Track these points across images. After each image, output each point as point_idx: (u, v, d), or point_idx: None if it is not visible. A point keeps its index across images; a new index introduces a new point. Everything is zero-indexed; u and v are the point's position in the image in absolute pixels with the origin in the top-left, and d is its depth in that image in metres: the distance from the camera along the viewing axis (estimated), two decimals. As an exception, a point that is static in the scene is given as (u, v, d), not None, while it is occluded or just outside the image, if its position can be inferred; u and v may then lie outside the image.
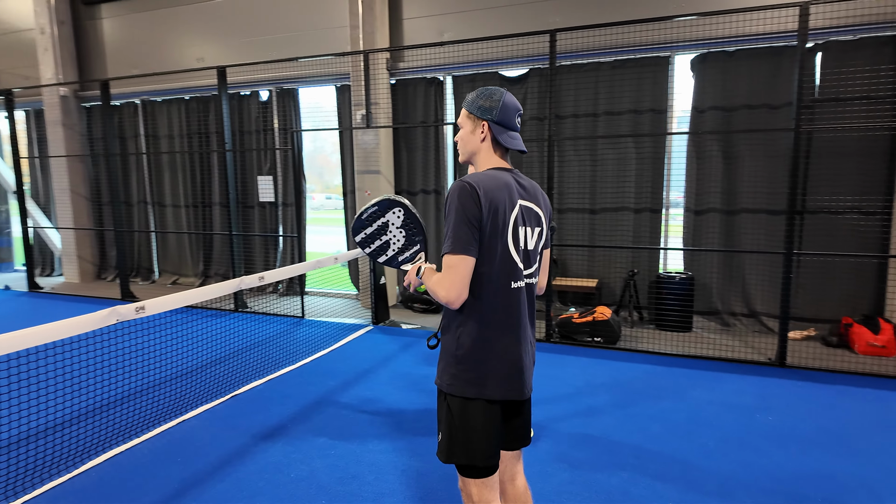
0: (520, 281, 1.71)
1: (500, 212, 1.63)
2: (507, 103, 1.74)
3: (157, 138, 8.19)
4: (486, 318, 1.67)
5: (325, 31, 6.96)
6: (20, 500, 2.67)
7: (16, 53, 8.89)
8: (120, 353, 4.54)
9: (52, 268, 9.19)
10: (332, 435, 3.35)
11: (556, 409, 3.69)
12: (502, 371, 1.69)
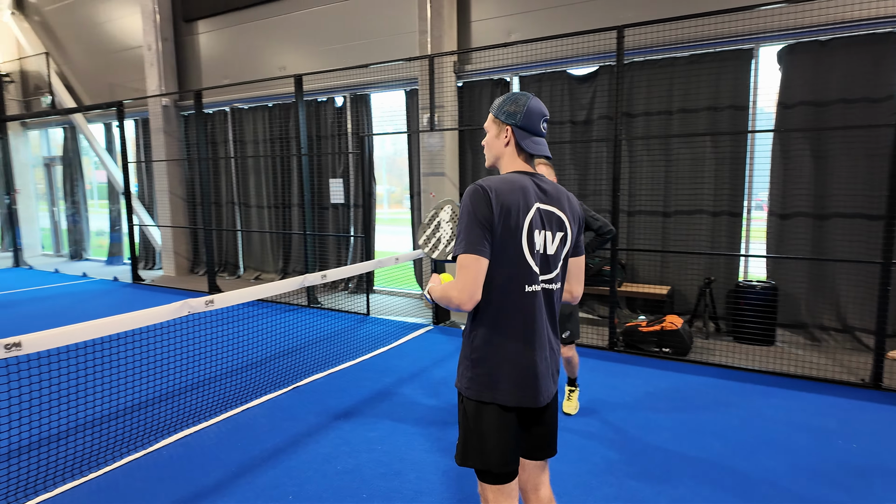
0: (535, 285, 1.68)
1: (512, 214, 1.61)
2: (532, 108, 1.72)
3: (244, 143, 8.80)
4: (499, 322, 1.66)
5: (395, 37, 7.15)
6: (110, 467, 2.99)
7: (128, 69, 9.91)
8: (193, 342, 4.92)
9: (154, 262, 10.14)
10: (380, 430, 3.44)
11: (611, 419, 3.56)
12: (514, 376, 1.67)
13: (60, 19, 10.92)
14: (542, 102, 1.78)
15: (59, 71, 11.10)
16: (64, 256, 11.93)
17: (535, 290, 1.68)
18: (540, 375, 1.69)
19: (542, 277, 1.71)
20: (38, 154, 12.38)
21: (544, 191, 1.73)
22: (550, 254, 1.72)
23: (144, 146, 9.93)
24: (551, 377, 1.75)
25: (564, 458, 3.07)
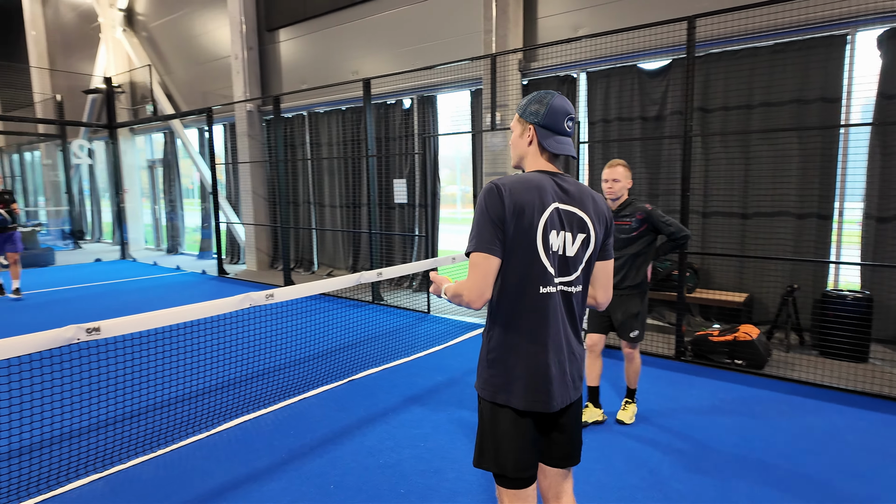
0: (550, 286, 1.63)
1: (526, 213, 1.58)
2: (555, 107, 1.67)
3: (320, 146, 9.20)
4: (512, 323, 1.64)
5: (462, 38, 7.18)
6: (177, 444, 3.25)
7: (218, 77, 10.68)
8: (257, 334, 5.21)
9: (238, 257, 10.86)
10: (426, 428, 3.48)
11: (668, 430, 3.36)
12: (526, 379, 1.63)
13: (163, 34, 11.97)
14: (566, 99, 1.73)
15: (160, 81, 12.18)
16: (162, 250, 13.08)
17: (551, 291, 1.63)
18: (553, 379, 1.64)
19: (561, 279, 1.66)
20: (143, 157, 13.66)
21: (565, 190, 1.67)
22: (570, 255, 1.67)
23: (232, 149, 10.66)
24: (569, 382, 1.69)
25: (611, 468, 2.95)
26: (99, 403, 3.70)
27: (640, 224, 3.42)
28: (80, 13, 14.76)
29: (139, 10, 12.51)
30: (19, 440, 3.26)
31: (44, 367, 3.87)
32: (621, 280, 3.44)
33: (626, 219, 3.44)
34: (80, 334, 2.70)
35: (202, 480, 2.90)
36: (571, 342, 1.71)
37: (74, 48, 15.32)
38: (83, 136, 13.56)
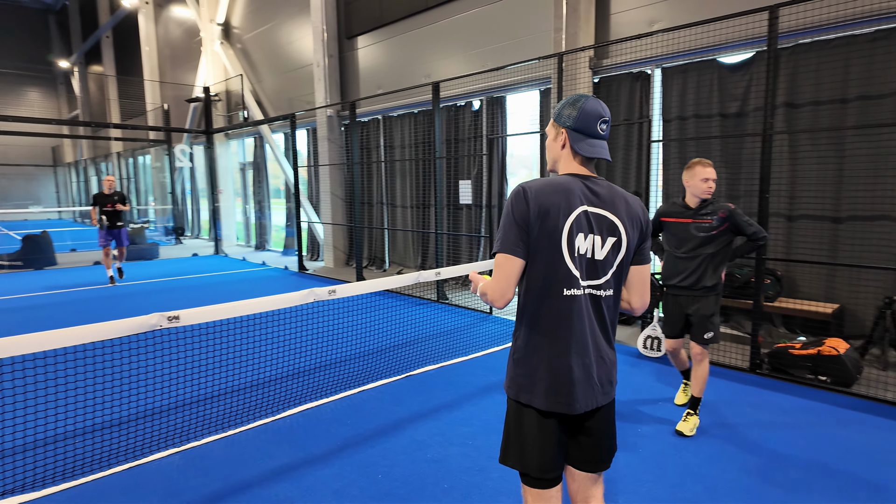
0: (575, 289, 1.63)
1: (551, 216, 1.59)
2: (587, 110, 1.67)
3: (393, 148, 9.49)
4: (536, 324, 1.66)
5: (531, 37, 7.13)
6: (243, 427, 3.53)
7: (303, 84, 11.32)
8: (321, 327, 5.47)
9: (318, 254, 11.44)
10: (475, 426, 3.52)
11: (727, 446, 3.18)
12: (549, 380, 1.64)
13: (255, 45, 12.86)
14: (601, 102, 1.71)
15: (252, 89, 13.09)
16: (251, 247, 14.04)
17: (576, 293, 1.63)
18: (575, 381, 1.64)
19: (589, 283, 1.65)
20: (236, 160, 14.75)
21: (596, 193, 1.66)
22: (600, 259, 1.66)
23: (313, 152, 11.25)
24: (595, 386, 1.67)
25: (663, 479, 2.84)
26: (177, 386, 4.08)
27: (720, 223, 3.37)
28: (185, 29, 16.20)
29: (235, 24, 13.53)
30: (110, 414, 3.68)
31: (132, 350, 4.32)
32: (697, 280, 3.42)
33: (706, 217, 3.40)
34: (163, 321, 3.01)
35: (264, 461, 3.13)
36: (601, 346, 1.69)
37: (180, 61, 16.84)
38: (185, 142, 14.87)
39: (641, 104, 6.17)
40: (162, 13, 17.80)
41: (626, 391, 4.12)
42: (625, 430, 3.45)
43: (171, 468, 3.06)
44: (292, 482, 2.90)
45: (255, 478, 2.95)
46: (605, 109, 1.70)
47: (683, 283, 3.48)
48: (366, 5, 9.64)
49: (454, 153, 8.24)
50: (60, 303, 7.51)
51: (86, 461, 3.10)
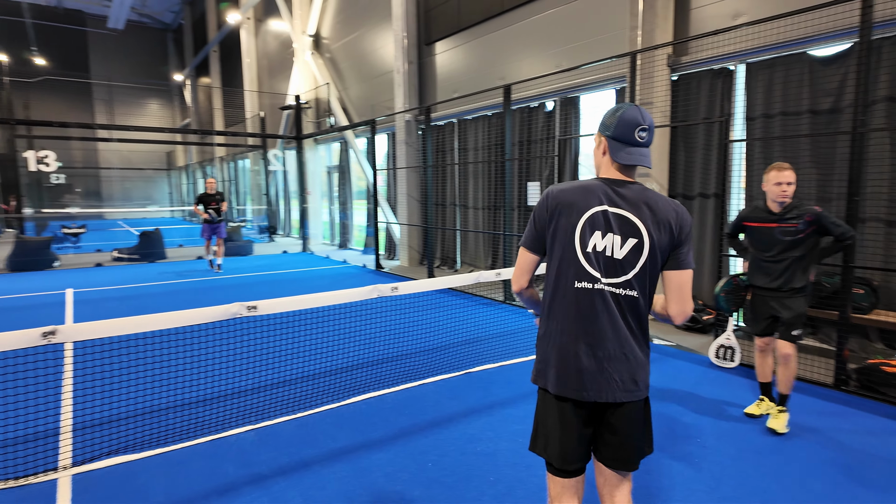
0: (586, 282, 1.72)
1: (566, 213, 1.73)
2: (624, 118, 1.74)
3: (466, 150, 9.66)
4: (551, 312, 1.79)
5: (607, 36, 7.00)
6: (313, 410, 3.82)
7: (384, 90, 11.80)
8: (385, 323, 5.71)
9: (394, 253, 11.87)
10: (528, 424, 3.53)
11: (817, 448, 3.00)
12: (558, 365, 1.76)
13: (341, 54, 13.57)
14: (642, 110, 1.76)
15: (338, 96, 13.82)
16: (335, 245, 14.81)
17: (588, 287, 1.72)
18: (583, 370, 1.71)
19: (609, 280, 1.72)
20: (323, 164, 15.62)
21: (621, 195, 1.73)
22: (619, 258, 1.71)
23: (392, 155, 11.70)
24: (612, 380, 1.72)
25: (715, 492, 2.75)
26: (255, 370, 4.47)
27: (807, 226, 3.36)
28: (281, 41, 17.41)
29: (324, 35, 14.35)
30: (196, 392, 4.12)
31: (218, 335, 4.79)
32: (786, 282, 3.45)
33: (792, 221, 3.39)
34: (242, 310, 3.35)
35: (326, 442, 3.38)
36: (625, 343, 1.72)
37: (276, 71, 18.10)
38: (279, 147, 15.96)
39: (722, 102, 5.87)
40: (261, 27, 19.23)
41: (692, 401, 3.98)
42: (685, 441, 3.35)
43: (247, 443, 3.40)
44: (349, 463, 3.12)
45: (318, 456, 3.20)
46: (645, 118, 1.74)
47: (771, 284, 3.50)
48: (445, 11, 9.89)
49: (526, 155, 8.26)
50: (166, 292, 8.40)
51: (176, 431, 3.52)
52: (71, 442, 3.37)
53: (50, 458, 3.15)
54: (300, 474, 3.01)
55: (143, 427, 3.56)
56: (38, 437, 3.40)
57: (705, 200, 6.13)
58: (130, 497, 2.79)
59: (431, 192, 9.31)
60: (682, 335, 5.73)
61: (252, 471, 3.05)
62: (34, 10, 27.09)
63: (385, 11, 11.32)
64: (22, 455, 3.15)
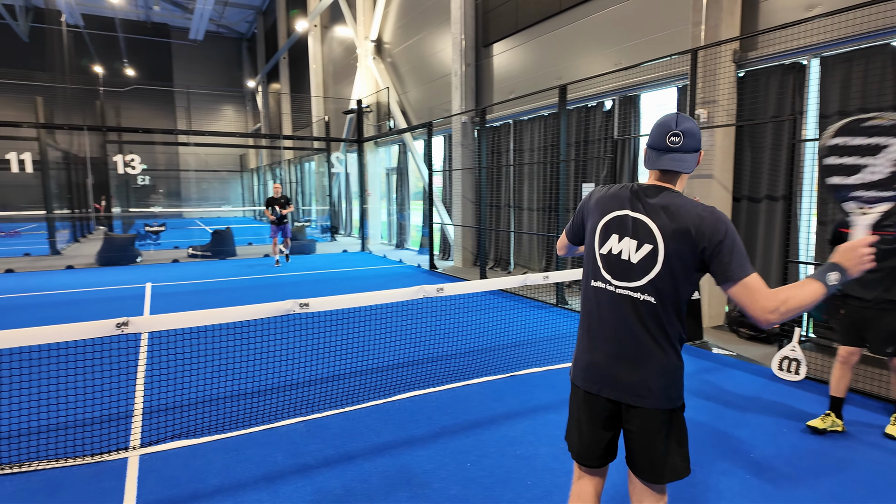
0: (600, 282, 1.80)
1: (594, 214, 1.85)
2: (658, 124, 1.78)
3: (522, 152, 9.60)
4: (581, 307, 1.92)
5: (669, 33, 6.76)
6: (362, 404, 3.95)
7: (442, 93, 11.94)
8: (432, 323, 5.77)
9: (449, 254, 11.97)
10: (571, 431, 3.52)
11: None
12: (577, 358, 1.89)
13: (402, 58, 13.85)
14: (681, 117, 1.74)
15: (398, 100, 14.11)
16: (392, 245, 15.12)
17: (601, 286, 1.80)
18: (593, 365, 1.80)
19: (624, 283, 1.74)
20: (382, 165, 15.99)
21: (646, 201, 1.75)
22: (633, 262, 1.73)
23: (448, 157, 11.81)
24: (615, 378, 1.75)
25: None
26: (307, 364, 4.67)
27: None
28: (345, 47, 17.98)
29: (386, 40, 14.70)
30: (251, 384, 4.36)
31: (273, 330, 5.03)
32: (882, 293, 3.30)
33: (889, 229, 3.23)
34: (295, 307, 3.52)
35: (371, 436, 3.49)
36: (641, 347, 1.70)
37: (340, 76, 18.71)
38: (341, 150, 16.48)
39: (794, 99, 5.53)
40: (327, 34, 19.94)
41: (750, 415, 3.79)
42: (738, 456, 3.20)
43: (297, 433, 3.56)
44: (391, 458, 3.21)
45: (362, 450, 3.31)
46: (680, 123, 1.71)
47: (866, 295, 3.35)
48: (503, 12, 9.88)
49: (582, 155, 8.11)
50: (233, 288, 8.91)
51: (233, 419, 3.74)
52: (141, 424, 3.67)
53: (122, 438, 3.44)
54: (344, 466, 3.13)
55: (204, 414, 3.82)
56: (111, 419, 3.72)
57: (773, 203, 5.79)
58: (189, 478, 3.01)
59: (485, 193, 9.32)
60: (743, 345, 5.44)
61: (299, 460, 3.20)
62: (126, 25, 29.42)
63: (444, 15, 11.45)
64: (98, 434, 3.47)
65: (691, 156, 1.71)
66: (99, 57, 27.81)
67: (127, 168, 12.56)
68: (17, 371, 3.96)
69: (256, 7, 29.90)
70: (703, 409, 3.87)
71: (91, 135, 16.22)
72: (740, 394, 4.18)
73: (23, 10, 24.81)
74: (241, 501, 2.78)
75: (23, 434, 3.46)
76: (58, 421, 3.63)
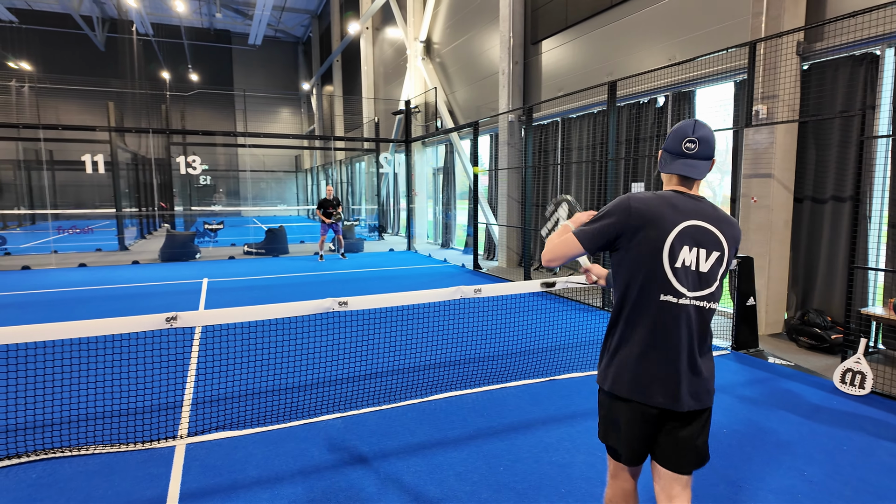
0: (671, 296, 1.72)
1: (654, 226, 1.71)
2: (675, 130, 1.80)
3: (570, 150, 9.41)
4: (631, 323, 1.78)
5: (727, 25, 6.44)
6: (398, 403, 3.98)
7: (489, 92, 11.87)
8: (469, 323, 5.73)
9: (494, 254, 11.89)
10: (609, 439, 3.41)
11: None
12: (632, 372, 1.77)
13: (450, 58, 13.88)
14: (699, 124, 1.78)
15: (445, 100, 14.14)
16: (437, 245, 15.18)
17: (672, 301, 1.72)
18: (657, 379, 1.74)
19: (694, 294, 1.73)
20: (429, 165, 16.07)
21: (701, 209, 1.76)
22: (704, 271, 1.73)
23: (494, 156, 11.73)
24: (682, 390, 1.74)
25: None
26: (345, 361, 4.74)
27: None
28: (396, 49, 18.20)
29: (435, 40, 14.77)
30: (293, 378, 4.47)
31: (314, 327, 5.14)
32: None
33: None
34: (335, 305, 3.58)
35: (405, 435, 3.51)
36: (696, 356, 1.76)
37: (391, 77, 18.95)
38: (390, 150, 16.71)
39: (865, 92, 5.14)
40: (378, 36, 20.24)
41: (806, 430, 3.55)
42: (789, 474, 3.00)
43: (334, 429, 3.63)
44: (424, 458, 3.21)
45: (396, 449, 3.33)
46: (697, 129, 1.75)
47: None
48: (552, 9, 9.72)
49: (633, 153, 7.85)
50: (283, 284, 9.19)
51: (274, 413, 3.85)
52: (189, 415, 3.83)
53: (171, 427, 3.61)
54: (378, 463, 3.15)
55: (246, 406, 3.95)
56: (161, 408, 3.91)
57: (839, 204, 5.41)
58: (230, 469, 3.11)
59: (531, 192, 9.19)
60: (802, 354, 5.11)
61: (335, 456, 3.25)
62: (191, 33, 30.95)
63: (492, 13, 11.39)
64: (149, 422, 3.65)
65: (704, 163, 1.76)
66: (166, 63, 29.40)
67: (189, 168, 13.21)
68: (77, 360, 4.23)
69: (312, 11, 30.74)
70: (756, 422, 3.66)
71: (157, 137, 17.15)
72: (797, 407, 3.92)
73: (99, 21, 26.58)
74: (277, 494, 2.85)
75: (82, 420, 3.69)
76: (112, 408, 3.85)
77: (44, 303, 7.66)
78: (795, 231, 5.85)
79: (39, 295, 8.26)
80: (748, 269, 5.29)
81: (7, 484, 2.93)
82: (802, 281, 5.84)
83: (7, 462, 3.13)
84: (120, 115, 15.69)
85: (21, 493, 2.84)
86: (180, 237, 12.98)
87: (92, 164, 12.06)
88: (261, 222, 26.89)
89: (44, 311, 7.12)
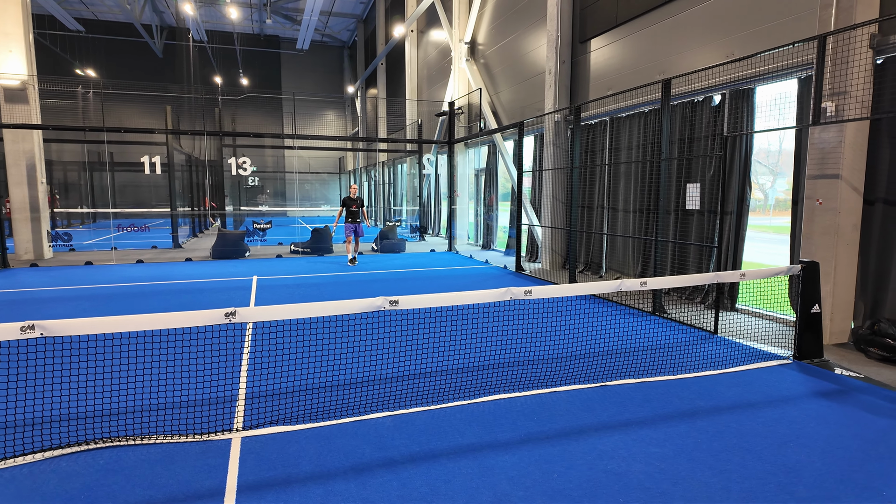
0: None
1: None
2: None
3: (619, 150, 9.18)
4: None
5: (789, 19, 6.15)
6: (448, 403, 3.97)
7: (535, 92, 11.74)
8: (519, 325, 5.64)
9: (536, 256, 11.74)
10: (668, 449, 3.29)
11: None
12: None
13: (495, 59, 13.81)
14: None
15: (489, 101, 14.08)
16: (478, 246, 15.12)
17: None
18: None
19: None
20: (472, 166, 16.04)
21: None
22: None
23: (539, 157, 11.59)
24: None
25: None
26: (395, 360, 4.75)
27: None
28: (440, 50, 18.26)
29: (479, 41, 14.73)
30: (343, 376, 4.51)
31: (364, 325, 5.17)
32: None
33: None
34: (385, 304, 3.60)
35: (455, 436, 3.48)
36: None
37: (434, 79, 19.03)
38: (432, 152, 16.77)
39: (947, 87, 4.80)
40: (422, 39, 20.37)
41: (882, 447, 3.33)
42: (865, 494, 2.82)
43: (384, 427, 3.64)
44: (475, 460, 3.17)
45: (446, 449, 3.31)
46: None
47: None
48: (601, 7, 9.53)
49: (686, 154, 7.59)
50: (328, 283, 9.34)
51: (326, 409, 3.90)
52: (244, 408, 3.93)
53: (227, 420, 3.70)
54: (429, 464, 3.14)
55: (299, 402, 4.01)
56: (219, 401, 4.02)
57: (917, 207, 5.06)
58: (284, 463, 3.16)
59: (577, 193, 9.02)
60: (873, 366, 4.80)
61: (386, 454, 3.26)
62: (242, 39, 32.00)
63: (539, 13, 11.26)
64: (207, 414, 3.76)
65: None
66: (219, 68, 30.49)
67: (239, 170, 13.63)
68: (142, 353, 4.40)
69: (357, 16, 31.26)
70: (825, 437, 3.45)
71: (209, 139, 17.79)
72: (868, 422, 3.68)
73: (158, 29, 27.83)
74: (330, 490, 2.87)
75: (144, 410, 3.83)
76: (173, 400, 3.99)
77: (105, 296, 8.04)
78: (865, 235, 5.52)
79: (102, 289, 8.68)
80: (813, 275, 5.01)
81: (77, 469, 3.07)
82: (872, 288, 5.50)
83: (77, 448, 3.28)
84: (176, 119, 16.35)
85: (90, 479, 2.97)
86: (231, 236, 13.40)
87: (150, 166, 12.62)
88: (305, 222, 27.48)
89: (106, 304, 7.47)
